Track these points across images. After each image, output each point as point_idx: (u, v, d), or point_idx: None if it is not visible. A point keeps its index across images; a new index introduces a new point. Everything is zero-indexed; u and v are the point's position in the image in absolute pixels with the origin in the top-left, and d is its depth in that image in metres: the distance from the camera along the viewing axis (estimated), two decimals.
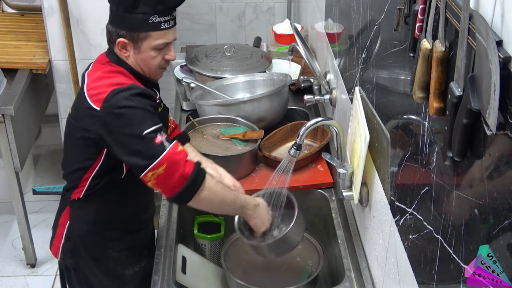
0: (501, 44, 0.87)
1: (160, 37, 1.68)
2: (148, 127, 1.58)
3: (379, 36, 1.58)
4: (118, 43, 1.68)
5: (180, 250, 1.89)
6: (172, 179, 1.58)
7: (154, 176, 1.58)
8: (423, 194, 1.25)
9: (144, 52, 1.69)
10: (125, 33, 1.67)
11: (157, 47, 1.69)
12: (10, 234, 3.27)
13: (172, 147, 1.59)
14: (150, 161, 1.56)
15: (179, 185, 1.59)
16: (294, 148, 1.81)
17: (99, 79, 1.68)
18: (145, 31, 1.66)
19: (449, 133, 1.01)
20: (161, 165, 1.57)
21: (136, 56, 1.71)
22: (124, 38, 1.67)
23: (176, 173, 1.58)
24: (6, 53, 3.01)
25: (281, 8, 3.72)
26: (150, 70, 1.75)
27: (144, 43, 1.67)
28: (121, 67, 1.71)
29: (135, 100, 1.60)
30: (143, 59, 1.71)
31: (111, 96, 1.61)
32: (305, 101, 2.35)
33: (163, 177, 1.58)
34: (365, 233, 1.78)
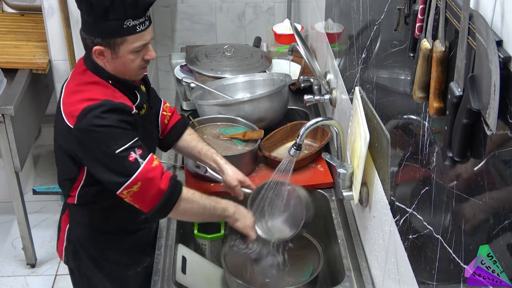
0: (501, 44, 0.87)
1: (137, 40, 1.63)
2: (120, 146, 1.57)
3: (379, 36, 1.58)
4: (94, 51, 1.63)
5: (180, 250, 1.89)
6: (147, 195, 1.60)
7: (129, 193, 1.60)
8: (423, 194, 1.25)
9: (123, 57, 1.64)
10: (100, 40, 1.62)
11: (135, 50, 1.64)
12: (10, 234, 3.27)
13: (147, 163, 1.59)
14: (124, 180, 1.58)
15: (155, 200, 1.61)
16: (294, 148, 1.81)
17: (73, 94, 1.65)
18: (120, 36, 1.61)
19: (449, 133, 1.01)
20: (136, 183, 1.58)
21: (114, 62, 1.66)
22: (100, 45, 1.62)
23: (151, 190, 1.60)
24: (6, 53, 3.01)
25: (281, 8, 3.72)
26: (131, 73, 1.71)
27: (122, 48, 1.62)
28: (97, 76, 1.67)
29: (107, 118, 1.58)
30: (122, 63, 1.66)
31: (83, 114, 1.58)
32: (305, 101, 2.35)
33: (138, 194, 1.60)
34: (365, 233, 1.78)
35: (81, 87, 1.66)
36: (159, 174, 1.62)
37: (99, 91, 1.64)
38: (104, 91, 1.65)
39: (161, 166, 1.64)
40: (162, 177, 1.62)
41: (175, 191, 1.64)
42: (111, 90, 1.67)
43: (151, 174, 1.60)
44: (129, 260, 1.90)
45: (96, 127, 1.57)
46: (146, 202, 1.62)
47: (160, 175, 1.62)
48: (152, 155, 1.64)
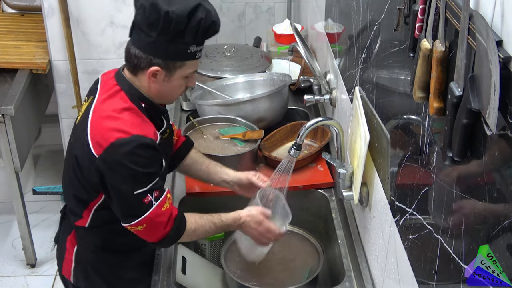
0: (501, 44, 0.87)
1: (193, 66, 1.63)
2: (141, 187, 1.56)
3: (379, 36, 1.58)
4: (150, 72, 1.58)
5: (180, 250, 1.89)
6: (152, 235, 1.63)
7: (134, 230, 1.62)
8: (423, 194, 1.25)
9: (175, 81, 1.62)
10: (160, 61, 1.57)
11: (187, 76, 1.63)
12: (10, 234, 3.27)
13: (157, 206, 1.59)
14: (131, 220, 1.59)
15: (159, 238, 1.64)
16: (294, 148, 1.81)
17: (104, 119, 1.59)
18: (182, 60, 1.59)
19: (449, 133, 1.01)
20: (141, 224, 1.59)
21: (164, 85, 1.62)
22: (159, 66, 1.58)
23: (155, 232, 1.62)
24: (6, 53, 3.01)
25: (281, 8, 3.72)
26: (172, 98, 1.71)
27: (178, 71, 1.60)
28: (130, 100, 1.62)
29: (135, 157, 1.55)
30: (171, 88, 1.64)
31: (112, 149, 1.55)
32: (305, 101, 2.35)
33: (144, 232, 1.63)
34: (365, 233, 1.78)
35: (112, 113, 1.60)
36: (166, 219, 1.61)
37: (130, 121, 1.59)
38: (134, 121, 1.60)
39: (170, 210, 1.63)
40: (169, 221, 1.62)
41: (178, 231, 1.66)
42: (141, 119, 1.62)
43: (158, 219, 1.60)
44: (141, 275, 1.87)
45: (122, 164, 1.54)
46: (150, 238, 1.65)
47: (167, 220, 1.61)
48: (166, 194, 1.62)
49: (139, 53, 1.58)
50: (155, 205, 1.58)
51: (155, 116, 1.69)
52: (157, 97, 1.67)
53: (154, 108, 1.68)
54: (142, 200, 1.57)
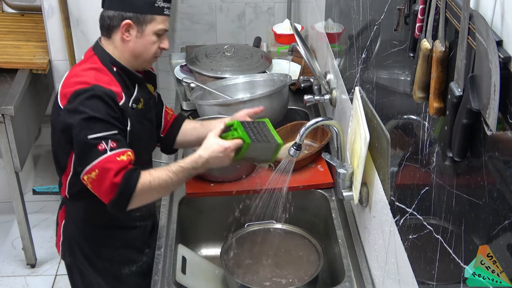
0: (501, 44, 0.87)
1: (162, 22, 1.73)
2: (94, 133, 1.61)
3: (379, 36, 1.58)
4: (122, 26, 1.70)
5: (180, 250, 1.89)
6: (103, 186, 1.61)
7: (89, 180, 1.62)
8: (423, 194, 1.25)
9: (147, 36, 1.72)
10: (131, 15, 1.69)
11: (158, 32, 1.73)
12: (10, 234, 3.27)
13: (113, 154, 1.60)
14: (86, 165, 1.61)
15: (110, 193, 1.60)
16: (294, 148, 1.81)
17: (72, 77, 1.72)
18: (151, 13, 1.70)
19: (449, 133, 1.01)
20: (94, 170, 1.60)
21: (137, 41, 1.72)
22: (130, 19, 1.70)
23: (105, 182, 1.60)
24: (6, 53, 3.01)
25: (281, 8, 3.72)
26: (147, 57, 1.77)
27: (149, 26, 1.71)
28: (102, 63, 1.73)
29: (92, 104, 1.63)
30: (144, 44, 1.73)
31: (73, 97, 1.65)
32: (305, 101, 2.35)
33: (96, 183, 1.61)
34: (365, 233, 1.78)
35: (80, 72, 1.72)
36: (117, 167, 1.59)
37: (94, 76, 1.69)
38: (98, 77, 1.70)
39: (126, 162, 1.60)
40: (119, 172, 1.59)
41: (130, 182, 1.60)
42: (108, 78, 1.71)
43: (109, 165, 1.59)
44: (122, 258, 1.90)
45: (79, 110, 1.62)
46: (103, 193, 1.62)
47: (118, 169, 1.59)
48: (127, 151, 1.62)
49: (111, 12, 1.71)
50: (109, 153, 1.60)
51: (128, 80, 1.76)
52: (133, 57, 1.75)
53: (126, 72, 1.76)
54: (96, 146, 1.60)
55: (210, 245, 2.19)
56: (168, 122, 2.03)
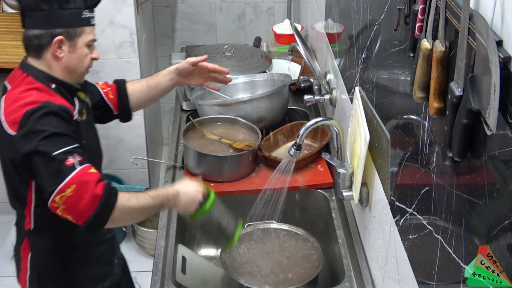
0: (501, 44, 0.87)
1: (91, 33, 1.70)
2: (59, 148, 1.53)
3: (379, 36, 1.58)
4: (54, 43, 1.64)
5: (180, 250, 1.89)
6: (81, 202, 1.51)
7: (62, 199, 1.51)
8: (423, 194, 1.25)
9: (79, 49, 1.68)
10: (61, 30, 1.64)
11: (89, 43, 1.70)
12: (10, 234, 3.27)
13: (83, 168, 1.54)
14: (58, 182, 1.51)
15: (90, 208, 1.52)
16: (294, 148, 1.81)
17: (14, 102, 1.62)
18: (80, 25, 1.66)
19: (449, 133, 1.01)
20: (69, 186, 1.50)
21: (71, 56, 1.67)
22: (61, 35, 1.64)
23: (85, 195, 1.51)
24: (6, 53, 3.00)
25: (281, 8, 3.72)
26: (81, 70, 1.73)
27: (80, 39, 1.67)
28: (38, 82, 1.65)
29: (49, 121, 1.55)
30: (78, 58, 1.69)
31: (25, 119, 1.56)
32: (305, 101, 2.35)
33: (72, 200, 1.51)
34: (365, 233, 1.78)
35: (20, 95, 1.62)
36: (95, 179, 1.54)
37: (39, 95, 1.61)
38: (44, 95, 1.62)
39: (98, 174, 1.57)
40: (98, 183, 1.54)
41: (110, 198, 1.54)
42: (53, 96, 1.64)
43: (86, 178, 1.53)
44: (97, 276, 1.86)
45: (36, 130, 1.54)
46: (80, 210, 1.52)
47: (95, 181, 1.54)
48: (89, 165, 1.57)
49: (38, 31, 1.64)
50: (80, 168, 1.53)
51: (68, 95, 1.71)
52: (68, 73, 1.70)
53: (66, 87, 1.71)
54: (64, 162, 1.52)
55: (210, 245, 2.19)
56: (114, 99, 1.98)
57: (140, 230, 3.15)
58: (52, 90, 1.66)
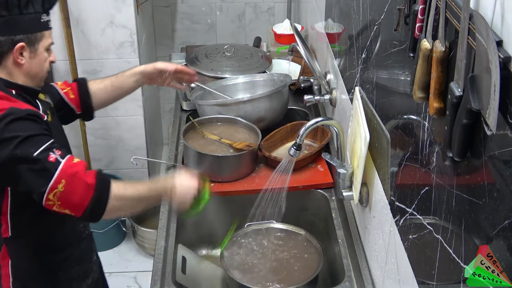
0: (501, 44, 0.87)
1: (50, 37, 1.68)
2: (37, 148, 1.51)
3: (379, 36, 1.58)
4: (16, 50, 1.60)
5: (180, 250, 1.89)
6: (75, 194, 1.52)
7: (56, 196, 1.51)
8: (423, 194, 1.25)
9: (40, 54, 1.66)
10: (22, 36, 1.61)
11: (48, 47, 1.68)
12: None
13: (67, 160, 1.53)
14: (47, 181, 1.50)
15: (85, 199, 1.53)
16: (294, 148, 1.81)
17: None
18: (40, 30, 1.64)
19: (449, 133, 1.01)
20: (59, 182, 1.50)
21: (32, 61, 1.65)
22: (22, 41, 1.61)
23: (78, 187, 1.52)
24: None
25: (281, 8, 3.72)
26: (42, 75, 1.70)
27: (40, 44, 1.65)
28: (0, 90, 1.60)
29: (17, 126, 1.52)
30: (38, 63, 1.66)
31: None
32: (305, 101, 2.35)
33: (65, 194, 1.51)
34: (365, 233, 1.78)
35: None
36: (82, 168, 1.54)
37: (3, 103, 1.57)
38: (7, 103, 1.58)
39: (83, 162, 1.56)
40: (87, 172, 1.54)
41: (104, 185, 1.55)
42: (13, 102, 1.60)
43: (73, 169, 1.52)
44: (79, 275, 1.86)
45: (8, 137, 1.51)
46: (76, 203, 1.53)
47: (83, 170, 1.54)
48: (71, 155, 1.57)
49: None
50: (64, 161, 1.52)
51: (31, 99, 1.68)
52: (29, 79, 1.67)
53: (26, 91, 1.68)
54: (46, 159, 1.51)
55: (210, 245, 2.19)
56: (75, 98, 1.94)
57: (140, 230, 3.15)
58: (13, 96, 1.62)
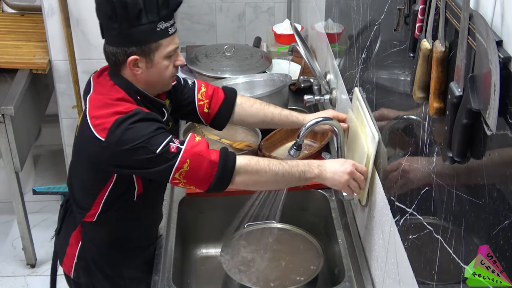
0: (501, 44, 0.87)
1: (170, 43, 1.60)
2: (159, 145, 1.53)
3: (379, 36, 1.58)
4: (129, 62, 1.58)
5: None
6: (200, 172, 1.55)
7: (182, 175, 1.55)
8: (423, 194, 1.25)
9: (157, 64, 1.61)
10: (135, 49, 1.57)
11: (168, 55, 1.61)
12: (10, 234, 3.27)
13: (188, 142, 1.55)
14: (172, 164, 1.53)
15: (210, 175, 1.56)
16: (294, 148, 1.81)
17: (102, 107, 1.59)
18: (155, 40, 1.57)
19: (449, 133, 1.01)
20: (184, 162, 1.53)
21: (149, 71, 1.61)
22: (135, 54, 1.58)
23: (203, 165, 1.54)
24: (6, 53, 3.01)
25: (281, 8, 3.72)
26: (164, 82, 1.67)
27: (156, 54, 1.59)
28: (125, 93, 1.62)
29: (141, 127, 1.54)
30: (157, 72, 1.63)
31: (116, 126, 1.53)
32: (305, 101, 2.35)
33: (191, 173, 1.55)
34: (365, 233, 1.78)
35: (109, 101, 1.60)
36: (205, 146, 1.56)
37: (129, 105, 1.59)
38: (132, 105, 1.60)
39: (204, 140, 1.58)
40: (210, 150, 1.57)
41: (227, 161, 1.56)
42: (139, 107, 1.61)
43: (197, 149, 1.54)
44: (142, 274, 1.86)
45: (132, 138, 1.53)
46: (202, 180, 1.56)
47: (206, 148, 1.56)
48: (192, 134, 1.60)
49: (113, 49, 1.59)
50: (185, 145, 1.54)
51: (154, 108, 1.68)
52: (149, 87, 1.66)
53: (150, 100, 1.67)
54: (168, 151, 1.53)
55: (210, 245, 2.19)
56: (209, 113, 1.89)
57: None
58: (137, 103, 1.62)
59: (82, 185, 1.72)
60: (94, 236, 1.78)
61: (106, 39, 1.61)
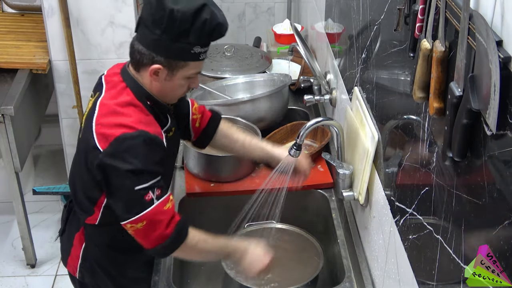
0: (501, 44, 0.87)
1: (195, 67, 1.61)
2: (141, 184, 1.54)
3: (379, 36, 1.58)
4: (152, 69, 1.58)
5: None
6: (150, 236, 1.58)
7: (132, 228, 1.58)
8: (423, 194, 1.25)
9: (176, 80, 1.61)
10: (163, 59, 1.57)
11: (189, 76, 1.62)
12: (10, 234, 3.27)
13: (159, 204, 1.56)
14: (130, 216, 1.55)
15: (157, 242, 1.59)
16: (294, 148, 1.81)
17: (109, 114, 1.59)
18: (185, 60, 1.58)
19: (449, 133, 1.01)
20: (141, 221, 1.55)
21: (165, 83, 1.62)
22: (161, 64, 1.57)
23: (155, 232, 1.57)
24: (6, 53, 3.01)
25: (281, 8, 3.72)
26: (172, 97, 1.69)
27: (180, 71, 1.59)
28: (135, 96, 1.62)
29: (139, 152, 1.55)
30: (172, 87, 1.63)
31: (116, 143, 1.54)
32: (305, 101, 2.35)
33: (141, 232, 1.58)
34: (365, 233, 1.78)
35: (118, 107, 1.60)
36: (168, 218, 1.58)
37: (136, 117, 1.59)
38: (140, 117, 1.60)
39: (172, 210, 1.60)
40: (171, 221, 1.59)
41: (179, 237, 1.61)
42: (145, 115, 1.62)
43: (158, 217, 1.57)
44: (146, 274, 1.87)
45: (126, 159, 1.54)
46: (148, 241, 1.60)
47: (168, 220, 1.58)
48: (169, 195, 1.60)
49: (143, 49, 1.58)
50: (157, 203, 1.56)
51: (160, 113, 1.68)
52: (159, 95, 1.66)
53: (159, 106, 1.67)
54: (143, 196, 1.54)
55: None
56: (199, 128, 1.94)
57: None
58: (147, 108, 1.63)
59: (83, 188, 1.72)
60: (96, 238, 1.79)
61: (139, 36, 1.60)
